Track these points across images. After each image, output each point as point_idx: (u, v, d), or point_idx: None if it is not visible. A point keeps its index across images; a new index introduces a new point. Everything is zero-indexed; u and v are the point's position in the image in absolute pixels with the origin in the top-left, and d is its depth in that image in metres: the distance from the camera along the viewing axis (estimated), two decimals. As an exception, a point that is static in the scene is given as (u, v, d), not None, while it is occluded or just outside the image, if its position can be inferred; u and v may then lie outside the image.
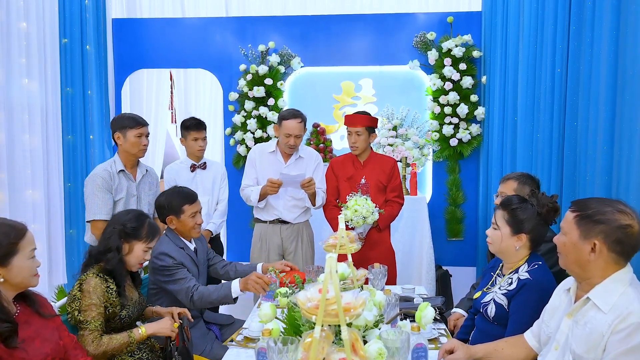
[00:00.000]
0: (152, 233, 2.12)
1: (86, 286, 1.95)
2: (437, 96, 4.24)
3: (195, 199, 2.50)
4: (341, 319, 1.04)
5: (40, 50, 3.49)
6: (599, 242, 1.45)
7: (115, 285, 2.03)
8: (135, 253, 2.08)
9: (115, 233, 2.06)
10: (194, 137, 3.31)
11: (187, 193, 2.49)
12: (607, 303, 1.43)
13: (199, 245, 2.61)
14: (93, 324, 1.93)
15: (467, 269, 4.33)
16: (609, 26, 2.26)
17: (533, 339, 1.74)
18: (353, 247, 1.70)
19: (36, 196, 3.40)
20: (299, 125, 3.07)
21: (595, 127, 2.39)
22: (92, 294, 1.94)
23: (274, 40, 4.36)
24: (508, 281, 1.92)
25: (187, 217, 2.44)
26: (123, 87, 4.52)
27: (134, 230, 2.08)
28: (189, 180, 3.29)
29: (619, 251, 1.45)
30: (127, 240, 2.07)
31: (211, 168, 3.43)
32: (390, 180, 3.15)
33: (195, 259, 2.50)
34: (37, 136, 3.41)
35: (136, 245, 2.08)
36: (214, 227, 3.36)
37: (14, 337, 1.52)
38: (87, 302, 1.93)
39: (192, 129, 3.31)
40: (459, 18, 4.26)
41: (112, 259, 2.02)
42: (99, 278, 1.99)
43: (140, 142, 2.81)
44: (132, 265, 2.11)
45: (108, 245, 2.05)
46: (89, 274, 2.00)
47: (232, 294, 2.33)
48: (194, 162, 3.37)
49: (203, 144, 3.35)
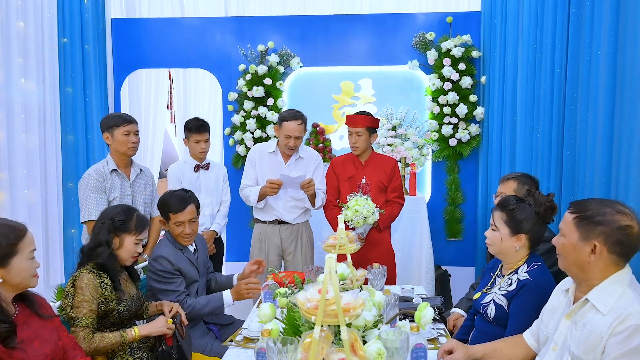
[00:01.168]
0: (141, 225, 2.13)
1: (79, 282, 1.97)
2: (436, 96, 4.25)
3: (184, 208, 2.40)
4: (340, 319, 1.04)
5: (39, 50, 3.49)
6: (599, 244, 1.45)
7: (110, 279, 2.04)
8: (126, 246, 2.09)
9: (104, 228, 2.07)
10: (195, 139, 3.30)
11: (177, 201, 2.42)
12: (605, 304, 1.43)
13: (200, 247, 2.60)
14: (84, 321, 1.93)
15: (466, 269, 4.33)
16: (608, 26, 2.26)
17: (532, 338, 1.74)
18: (352, 248, 1.70)
19: (34, 196, 3.39)
20: (299, 126, 3.07)
21: (594, 127, 2.39)
22: (85, 289, 1.95)
23: (273, 40, 4.36)
24: (508, 282, 1.92)
25: (172, 225, 2.42)
26: (122, 86, 4.52)
27: (122, 223, 2.09)
28: (192, 180, 3.30)
29: (619, 252, 1.45)
30: (117, 234, 2.08)
31: (214, 169, 3.43)
32: (391, 181, 3.15)
33: (194, 262, 2.50)
34: (35, 136, 3.41)
35: (126, 239, 2.09)
36: (218, 227, 3.38)
37: (12, 337, 1.52)
38: (79, 299, 1.94)
39: (193, 131, 3.29)
40: (458, 18, 4.26)
41: (102, 253, 2.03)
42: (92, 274, 2.00)
43: (129, 140, 2.77)
44: (125, 259, 2.11)
45: (98, 241, 2.06)
46: (82, 270, 2.01)
47: (224, 305, 2.38)
48: (198, 162, 3.36)
49: (205, 146, 3.33)
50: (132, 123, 2.80)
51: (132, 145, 2.79)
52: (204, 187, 3.34)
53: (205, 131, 3.31)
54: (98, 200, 2.67)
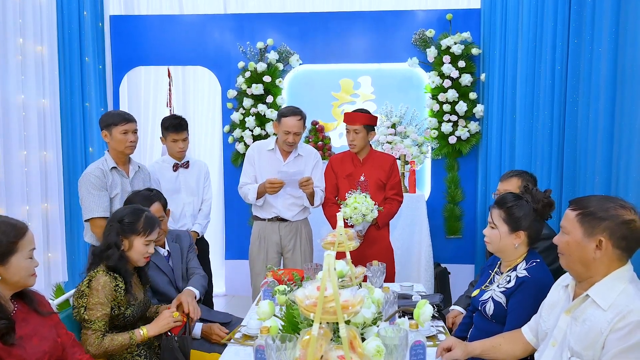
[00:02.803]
0: (150, 226, 2.11)
1: (95, 283, 1.95)
2: (435, 94, 4.24)
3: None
4: (339, 316, 1.04)
5: (38, 47, 3.47)
6: (605, 239, 1.45)
7: (124, 282, 2.03)
8: (136, 248, 2.07)
9: (113, 230, 2.07)
10: (172, 138, 3.14)
11: (137, 204, 2.28)
12: (606, 300, 1.43)
13: (174, 249, 2.54)
14: (97, 324, 1.93)
15: (465, 266, 4.34)
16: (609, 23, 2.26)
17: (530, 334, 1.75)
18: (351, 245, 1.70)
19: (34, 194, 3.39)
20: (299, 122, 3.07)
21: (595, 124, 2.39)
22: (101, 292, 1.94)
23: (272, 37, 4.35)
24: (506, 279, 1.92)
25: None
26: (121, 84, 4.51)
27: (130, 225, 2.07)
28: (172, 179, 3.20)
29: (624, 247, 1.45)
30: (126, 236, 2.07)
31: (194, 167, 3.30)
32: (389, 178, 3.15)
33: (163, 266, 2.42)
34: (34, 133, 3.40)
35: (135, 240, 2.07)
36: (200, 228, 3.27)
37: (11, 334, 1.52)
38: (94, 301, 1.93)
39: (170, 130, 3.14)
40: (458, 15, 4.25)
41: (112, 255, 2.02)
42: (109, 276, 1.99)
43: (127, 139, 2.74)
44: (136, 260, 2.09)
45: (107, 242, 2.05)
46: (99, 270, 2.00)
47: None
48: (177, 161, 3.24)
49: (183, 145, 3.17)
50: (130, 122, 2.77)
51: (130, 144, 2.76)
52: (185, 186, 3.23)
53: (183, 130, 3.15)
54: (100, 197, 2.67)
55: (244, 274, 3.66)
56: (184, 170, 3.26)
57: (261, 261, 3.20)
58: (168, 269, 2.48)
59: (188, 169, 3.27)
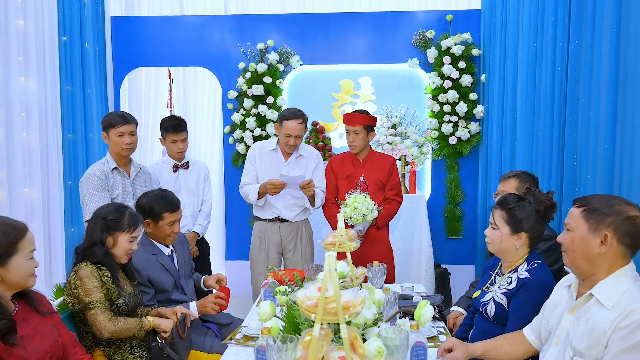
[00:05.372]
0: (134, 222, 2.12)
1: (82, 273, 1.98)
2: (436, 94, 4.24)
3: (178, 207, 2.42)
4: (340, 317, 1.04)
5: (39, 48, 3.48)
6: (610, 234, 1.46)
7: (110, 273, 2.05)
8: (120, 245, 2.09)
9: (98, 227, 2.07)
10: (172, 139, 3.16)
11: (171, 200, 2.41)
12: (610, 299, 1.43)
13: (179, 249, 2.55)
14: (102, 304, 1.96)
15: (466, 267, 4.33)
16: (609, 23, 2.25)
17: (532, 334, 1.74)
18: (352, 246, 1.70)
19: (34, 194, 3.39)
20: (300, 125, 3.07)
21: (596, 125, 2.39)
22: (91, 277, 1.98)
23: (273, 38, 4.35)
24: (507, 280, 1.92)
25: (165, 224, 2.38)
26: (122, 85, 4.52)
27: (115, 222, 2.08)
28: (172, 180, 3.20)
29: (628, 243, 1.46)
30: (110, 233, 2.08)
31: (194, 167, 3.30)
32: (389, 179, 3.15)
33: (168, 266, 2.43)
34: (35, 134, 3.40)
35: (120, 237, 2.09)
36: (201, 228, 3.27)
37: (12, 334, 1.52)
38: (89, 286, 1.96)
39: (170, 131, 3.15)
40: (458, 16, 4.26)
41: (97, 251, 2.04)
42: (94, 266, 2.02)
43: (122, 141, 2.72)
44: (120, 256, 2.11)
45: (92, 240, 2.06)
46: (82, 264, 2.02)
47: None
48: (176, 161, 3.25)
49: (183, 146, 3.19)
50: (127, 124, 2.74)
51: (126, 146, 2.74)
52: (185, 187, 3.24)
53: (182, 130, 3.16)
54: (102, 199, 2.67)
55: (244, 275, 3.66)
56: (184, 171, 3.27)
57: (262, 262, 3.21)
58: (173, 268, 2.49)
59: (188, 170, 3.28)
